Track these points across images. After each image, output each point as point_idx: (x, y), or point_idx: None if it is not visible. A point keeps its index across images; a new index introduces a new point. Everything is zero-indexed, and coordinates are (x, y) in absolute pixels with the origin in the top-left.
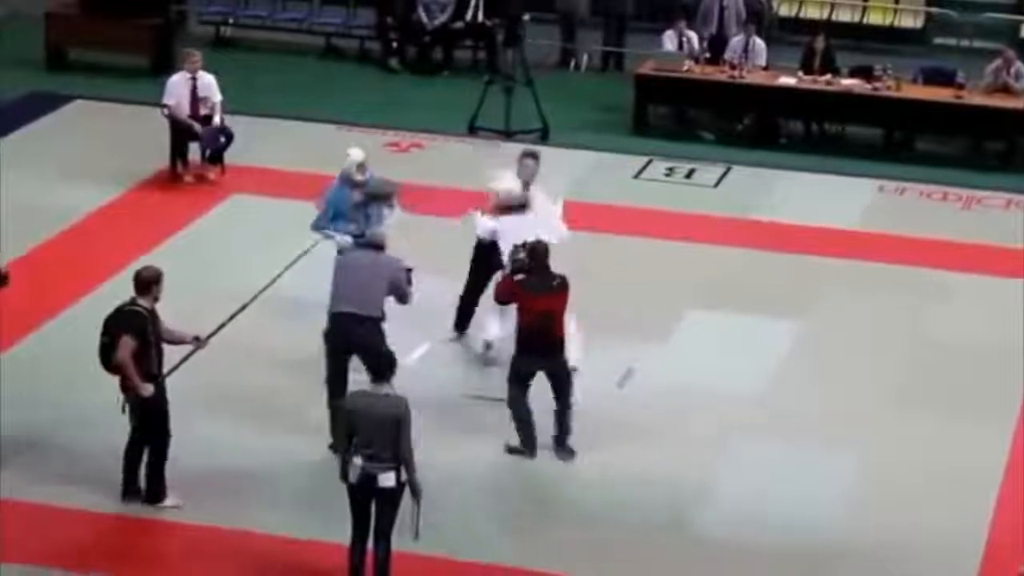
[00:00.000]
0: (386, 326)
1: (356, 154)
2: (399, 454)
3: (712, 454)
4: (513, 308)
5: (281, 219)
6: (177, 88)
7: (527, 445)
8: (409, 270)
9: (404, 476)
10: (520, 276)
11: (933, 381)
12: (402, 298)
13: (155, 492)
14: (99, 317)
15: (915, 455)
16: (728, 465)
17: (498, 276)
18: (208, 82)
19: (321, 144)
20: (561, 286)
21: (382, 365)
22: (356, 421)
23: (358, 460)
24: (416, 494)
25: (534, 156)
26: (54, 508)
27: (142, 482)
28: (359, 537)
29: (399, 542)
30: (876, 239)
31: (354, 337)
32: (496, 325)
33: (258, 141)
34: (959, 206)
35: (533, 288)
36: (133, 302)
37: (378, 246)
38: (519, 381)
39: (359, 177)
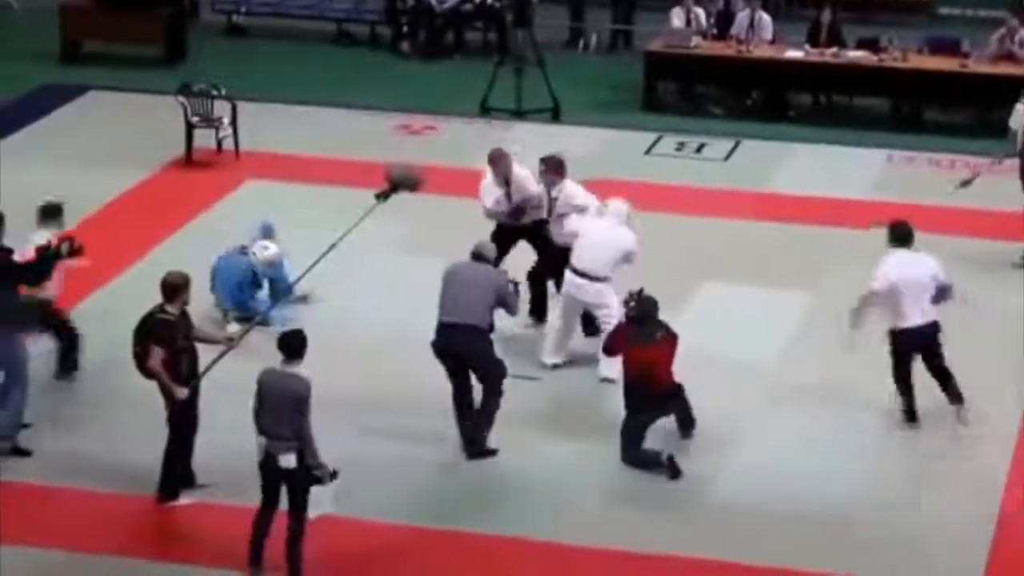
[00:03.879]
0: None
1: (273, 248)
2: (296, 434)
3: (728, 424)
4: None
5: (296, 204)
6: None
7: (671, 467)
8: (517, 283)
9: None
10: (626, 326)
11: (945, 349)
12: (509, 309)
13: (170, 490)
14: (119, 305)
15: (930, 424)
16: (744, 435)
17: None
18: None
19: (334, 129)
20: (665, 337)
21: (294, 344)
22: (260, 397)
23: (262, 440)
24: (322, 477)
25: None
26: (81, 492)
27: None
28: (264, 516)
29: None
30: (886, 208)
31: (458, 346)
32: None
33: (271, 127)
34: (967, 173)
35: (634, 340)
36: (161, 309)
37: (484, 258)
38: (635, 434)
39: (266, 269)
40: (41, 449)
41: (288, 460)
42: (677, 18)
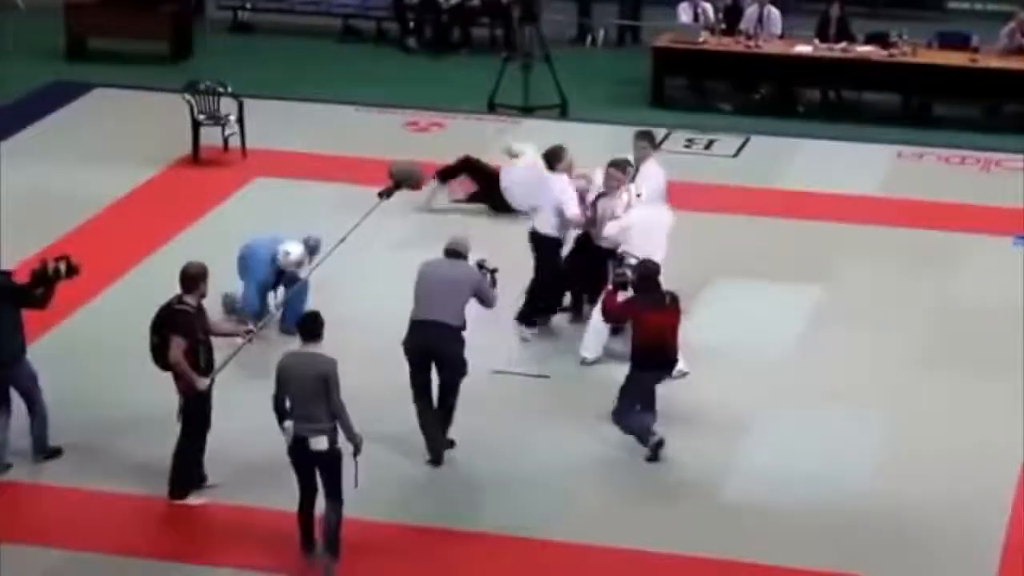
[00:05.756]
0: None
1: (296, 253)
2: (329, 414)
3: (738, 420)
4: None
5: (304, 201)
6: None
7: (654, 450)
8: (494, 271)
9: (339, 437)
10: (630, 294)
11: (956, 345)
12: (486, 302)
13: (181, 488)
14: (129, 302)
15: (939, 420)
16: (754, 431)
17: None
18: None
19: (341, 126)
20: (673, 302)
21: (313, 325)
22: (285, 381)
23: (289, 423)
24: (356, 448)
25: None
26: (86, 492)
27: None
28: (305, 501)
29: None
30: (896, 204)
31: (432, 344)
32: (595, 344)
33: (278, 124)
34: (977, 169)
35: (647, 304)
36: (179, 300)
37: (459, 254)
38: (635, 395)
39: (295, 270)
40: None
41: (319, 443)
42: (685, 13)
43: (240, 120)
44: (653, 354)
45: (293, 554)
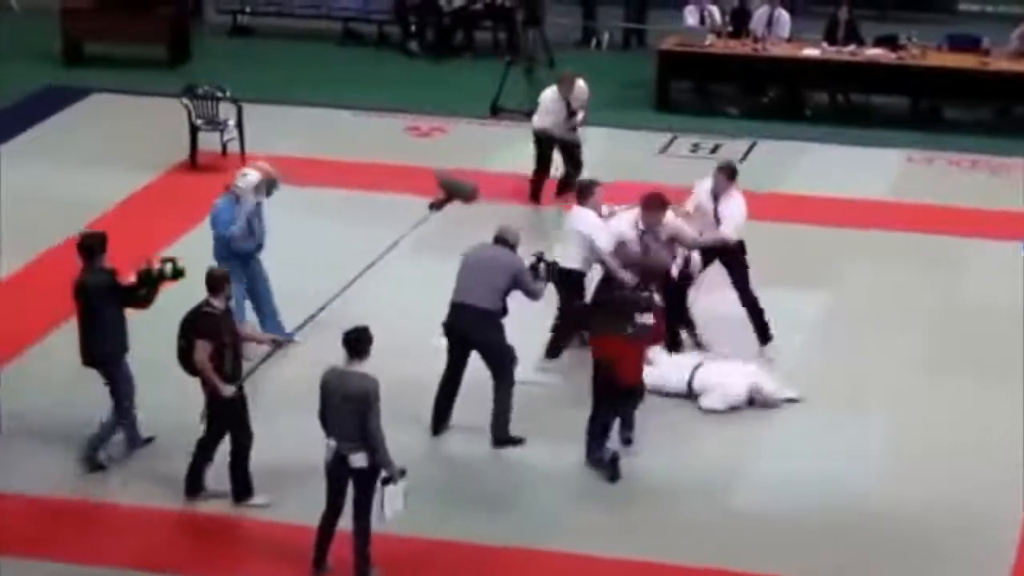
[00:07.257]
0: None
1: (252, 174)
2: (363, 433)
3: (744, 425)
4: None
5: (303, 207)
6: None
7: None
8: (553, 263)
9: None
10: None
11: (964, 349)
12: (529, 293)
13: (242, 490)
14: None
15: (947, 424)
16: (760, 436)
17: None
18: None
19: (341, 131)
20: (637, 335)
21: (359, 342)
22: (326, 398)
23: (332, 441)
24: (390, 476)
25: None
26: (96, 505)
27: (206, 480)
28: (329, 517)
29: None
30: (905, 209)
31: (467, 328)
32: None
33: (278, 129)
34: (988, 173)
35: (603, 329)
36: (206, 303)
37: (505, 241)
38: (595, 429)
39: (259, 196)
40: (60, 459)
41: (359, 460)
42: (691, 16)
43: (239, 125)
44: (602, 385)
45: (302, 567)
